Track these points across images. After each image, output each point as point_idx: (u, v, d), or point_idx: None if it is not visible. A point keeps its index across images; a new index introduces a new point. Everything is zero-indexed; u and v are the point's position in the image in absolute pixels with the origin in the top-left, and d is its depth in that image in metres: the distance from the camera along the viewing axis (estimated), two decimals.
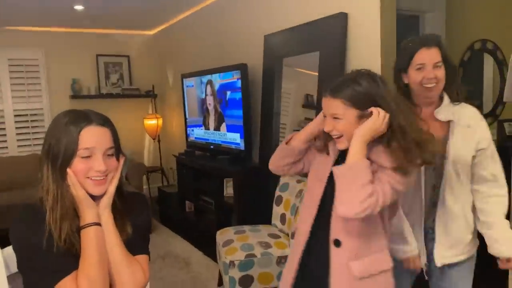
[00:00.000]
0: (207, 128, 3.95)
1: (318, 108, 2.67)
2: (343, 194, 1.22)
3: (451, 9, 3.36)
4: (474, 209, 1.54)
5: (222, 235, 2.77)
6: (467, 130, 1.48)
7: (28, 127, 4.69)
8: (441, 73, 1.46)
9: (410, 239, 1.54)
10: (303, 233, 1.38)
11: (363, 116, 1.24)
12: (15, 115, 4.61)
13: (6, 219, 3.35)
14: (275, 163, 1.51)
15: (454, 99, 1.52)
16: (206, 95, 3.89)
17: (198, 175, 4.06)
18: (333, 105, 1.27)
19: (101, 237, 1.06)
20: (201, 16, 4.22)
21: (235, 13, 3.67)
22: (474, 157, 1.49)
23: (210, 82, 3.79)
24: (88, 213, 1.06)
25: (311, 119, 1.56)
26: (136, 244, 1.14)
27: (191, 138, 4.28)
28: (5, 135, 4.58)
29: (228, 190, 3.58)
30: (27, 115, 4.67)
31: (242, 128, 3.35)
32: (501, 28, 3.49)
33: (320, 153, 1.42)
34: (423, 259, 1.54)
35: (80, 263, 1.03)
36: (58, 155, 1.04)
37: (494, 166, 1.51)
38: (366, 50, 2.41)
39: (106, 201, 1.09)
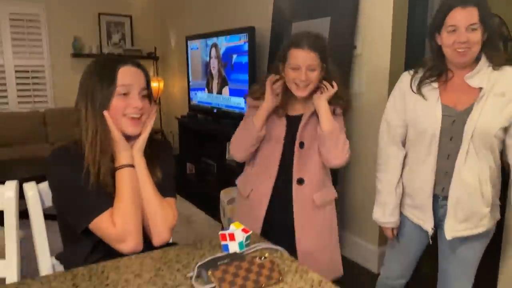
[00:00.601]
0: (210, 92, 3.97)
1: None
2: (334, 150, 1.54)
3: None
4: (496, 181, 1.46)
5: (226, 194, 2.85)
6: (500, 99, 1.35)
7: (29, 83, 4.65)
8: (475, 36, 1.32)
9: (388, 212, 1.57)
10: (266, 191, 1.60)
11: (323, 69, 1.55)
12: (16, 71, 4.56)
13: (6, 174, 3.40)
14: (244, 152, 1.62)
15: (495, 63, 1.38)
16: (210, 58, 3.88)
17: (200, 138, 4.10)
18: (311, 58, 1.51)
19: (134, 178, 1.10)
20: None
21: None
22: (507, 129, 1.38)
23: (215, 46, 3.78)
24: (123, 155, 1.10)
25: None
26: (165, 187, 1.19)
27: (194, 101, 4.29)
28: (5, 90, 4.54)
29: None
30: (28, 71, 4.62)
31: (247, 92, 3.37)
32: (509, 3, 3.50)
33: (276, 115, 1.62)
34: (430, 224, 1.50)
35: (115, 202, 1.08)
36: (97, 94, 1.07)
37: None
38: (378, 15, 2.42)
39: (140, 144, 1.13)
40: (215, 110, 3.87)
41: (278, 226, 1.61)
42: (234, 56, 3.53)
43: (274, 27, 3.24)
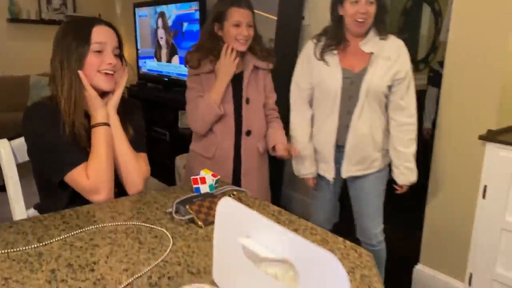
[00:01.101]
0: (159, 60, 3.97)
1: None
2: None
3: None
4: (386, 131, 1.75)
5: (182, 159, 2.95)
6: (386, 62, 1.64)
7: None
8: (372, 9, 1.60)
9: (307, 165, 1.82)
10: (230, 147, 1.76)
11: (254, 27, 1.72)
12: None
13: None
14: (208, 127, 1.75)
15: (382, 33, 1.67)
16: (157, 27, 3.87)
17: (151, 107, 4.11)
18: (249, 15, 1.67)
19: (109, 136, 1.18)
20: None
21: None
22: (391, 86, 1.67)
23: (162, 15, 3.76)
24: (99, 113, 1.17)
25: None
26: (137, 143, 1.27)
27: (143, 70, 4.26)
28: None
29: (183, 121, 3.70)
30: None
31: (184, 61, 3.42)
32: None
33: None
34: (332, 174, 1.79)
35: (90, 157, 1.15)
36: (72, 51, 1.13)
37: (409, 96, 1.69)
38: None
39: (115, 101, 1.21)
40: (166, 79, 3.89)
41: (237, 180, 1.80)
42: (185, 24, 3.55)
43: None
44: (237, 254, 0.47)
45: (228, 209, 0.49)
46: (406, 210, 2.60)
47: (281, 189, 2.95)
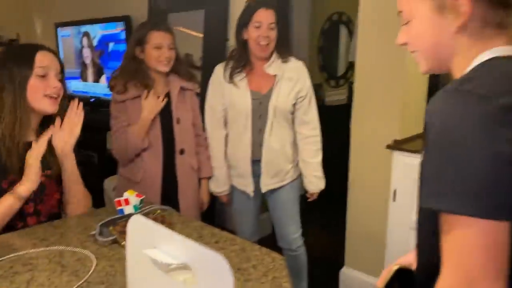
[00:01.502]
0: (85, 81, 3.88)
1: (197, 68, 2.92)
2: None
3: None
4: (295, 145, 1.89)
5: (111, 182, 2.91)
6: (289, 83, 1.78)
7: None
8: (274, 34, 1.74)
9: (221, 183, 1.92)
10: (158, 169, 1.79)
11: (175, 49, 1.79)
12: None
13: None
14: (130, 157, 1.79)
15: (283, 57, 1.80)
16: (82, 47, 3.79)
17: None
18: (170, 38, 1.73)
19: (13, 210, 1.13)
20: None
21: None
22: (295, 104, 1.81)
23: (86, 34, 3.71)
24: (26, 185, 1.14)
25: None
26: None
27: (68, 91, 4.13)
28: None
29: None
30: None
31: (108, 85, 3.40)
32: (354, 2, 4.14)
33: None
34: (251, 188, 1.88)
35: None
36: (16, 74, 1.15)
37: (311, 111, 1.85)
38: None
39: (71, 145, 1.27)
40: (92, 99, 3.81)
41: (163, 189, 1.83)
42: (111, 44, 3.52)
43: (150, 17, 3.33)
44: (147, 265, 0.53)
45: (137, 226, 0.55)
46: (331, 216, 2.78)
47: (213, 204, 2.99)
